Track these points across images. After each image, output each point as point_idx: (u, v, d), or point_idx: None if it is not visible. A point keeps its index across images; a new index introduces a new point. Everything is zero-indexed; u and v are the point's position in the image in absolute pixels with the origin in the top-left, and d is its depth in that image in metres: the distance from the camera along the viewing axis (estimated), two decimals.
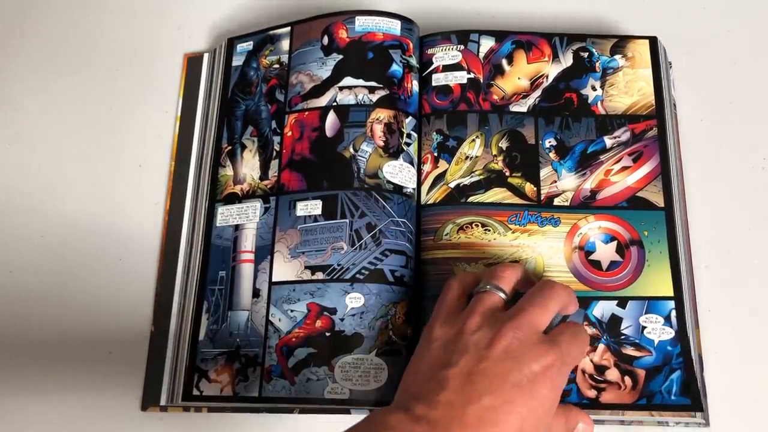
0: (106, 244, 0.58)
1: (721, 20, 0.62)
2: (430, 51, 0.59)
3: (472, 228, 0.53)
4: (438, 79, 0.57)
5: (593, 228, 0.52)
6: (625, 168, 0.53)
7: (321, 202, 0.53)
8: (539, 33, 0.58)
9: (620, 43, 0.57)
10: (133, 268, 0.57)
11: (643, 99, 0.55)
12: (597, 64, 0.57)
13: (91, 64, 0.65)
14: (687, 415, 0.47)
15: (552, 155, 0.54)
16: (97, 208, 0.60)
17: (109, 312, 0.56)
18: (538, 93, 0.56)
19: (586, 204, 0.53)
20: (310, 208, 0.53)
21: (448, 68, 0.58)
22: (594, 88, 0.56)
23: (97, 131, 0.62)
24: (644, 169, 0.53)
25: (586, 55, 0.57)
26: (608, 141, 0.54)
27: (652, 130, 0.54)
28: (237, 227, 0.55)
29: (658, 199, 0.52)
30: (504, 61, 0.58)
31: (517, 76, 0.57)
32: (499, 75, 0.57)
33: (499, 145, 0.55)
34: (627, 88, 0.56)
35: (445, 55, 0.58)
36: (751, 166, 0.57)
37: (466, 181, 0.54)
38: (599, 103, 0.56)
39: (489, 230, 0.52)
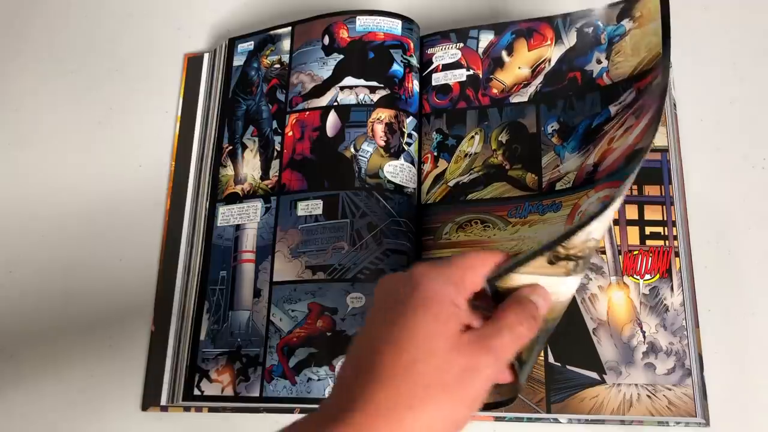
0: (106, 244, 0.58)
1: (721, 20, 0.62)
2: (430, 51, 0.59)
3: (471, 226, 0.52)
4: (438, 79, 0.57)
5: (593, 201, 0.49)
6: (627, 129, 0.49)
7: (322, 202, 0.53)
8: (540, 18, 0.57)
9: (627, 6, 0.54)
10: (133, 267, 0.57)
11: (651, 52, 0.51)
12: (602, 36, 0.54)
13: (91, 64, 0.65)
14: (687, 414, 0.47)
15: (554, 140, 0.53)
16: (97, 208, 0.60)
17: (110, 312, 0.56)
18: (539, 79, 0.55)
19: (588, 180, 0.50)
20: (311, 207, 0.53)
21: (447, 67, 0.58)
22: (599, 61, 0.54)
23: (98, 131, 0.62)
24: (645, 120, 0.48)
25: (590, 30, 0.55)
26: (613, 109, 0.52)
27: (657, 79, 0.49)
28: (238, 227, 0.55)
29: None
30: (504, 53, 0.57)
31: (518, 66, 0.56)
32: (499, 68, 0.57)
33: (499, 139, 0.55)
34: (634, 50, 0.52)
35: (444, 54, 0.58)
36: (751, 166, 0.57)
37: (465, 179, 0.54)
38: (605, 74, 0.53)
39: (489, 226, 0.52)
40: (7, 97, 0.64)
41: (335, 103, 0.55)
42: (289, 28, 0.59)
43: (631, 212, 0.53)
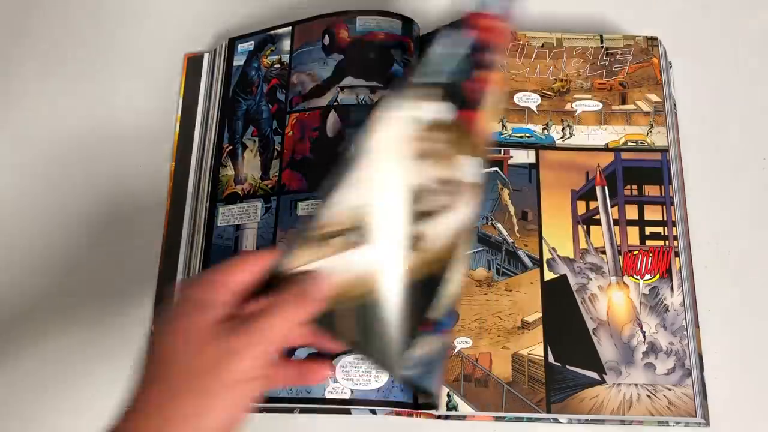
0: (106, 244, 0.58)
1: (721, 20, 0.62)
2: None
3: None
4: None
5: None
6: None
7: None
8: None
9: None
10: (133, 267, 0.57)
11: None
12: None
13: (92, 64, 0.65)
14: (687, 414, 0.47)
15: None
16: (97, 208, 0.59)
17: (110, 311, 0.56)
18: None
19: None
20: (311, 207, 0.53)
21: None
22: None
23: (98, 131, 0.62)
24: None
25: None
26: None
27: None
28: (238, 227, 0.55)
29: None
30: None
31: None
32: None
33: None
34: None
35: None
36: (752, 166, 0.57)
37: None
38: None
39: None
40: (6, 97, 0.64)
41: (335, 103, 0.55)
42: (289, 28, 0.59)
43: (631, 212, 0.53)
